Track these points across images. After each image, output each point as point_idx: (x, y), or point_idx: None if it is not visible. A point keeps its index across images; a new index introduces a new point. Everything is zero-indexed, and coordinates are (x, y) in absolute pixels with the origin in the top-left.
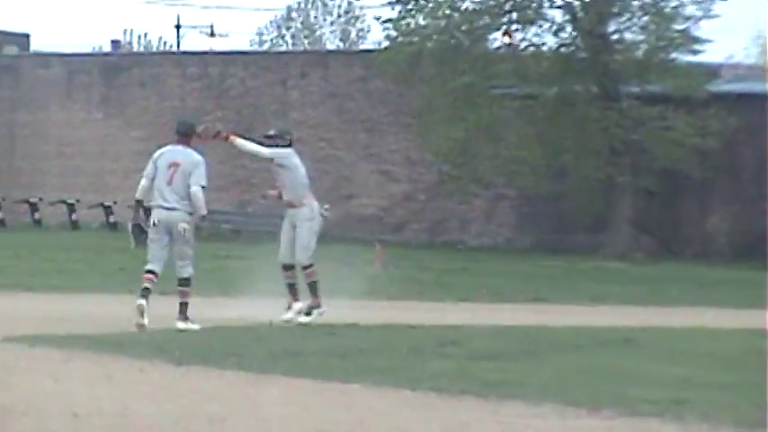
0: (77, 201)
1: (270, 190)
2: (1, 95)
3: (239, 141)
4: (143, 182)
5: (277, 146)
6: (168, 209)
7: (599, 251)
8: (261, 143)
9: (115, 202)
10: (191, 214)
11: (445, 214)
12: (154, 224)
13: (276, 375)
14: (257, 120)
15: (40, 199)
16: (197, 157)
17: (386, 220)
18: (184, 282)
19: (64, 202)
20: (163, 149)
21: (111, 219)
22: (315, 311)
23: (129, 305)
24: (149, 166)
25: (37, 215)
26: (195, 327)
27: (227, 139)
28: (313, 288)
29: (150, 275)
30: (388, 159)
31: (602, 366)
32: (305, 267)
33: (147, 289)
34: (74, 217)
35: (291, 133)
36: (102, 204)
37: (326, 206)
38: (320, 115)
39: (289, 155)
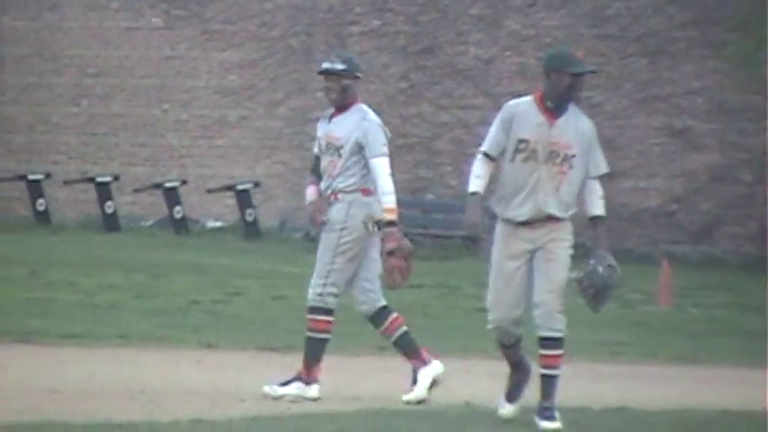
0: (114, 178)
1: None
2: None
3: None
4: None
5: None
6: None
7: None
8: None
9: (185, 182)
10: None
11: None
12: None
13: None
14: (444, 33)
15: (47, 175)
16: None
17: (680, 217)
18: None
19: (90, 180)
20: None
21: (178, 211)
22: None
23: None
24: None
25: (41, 203)
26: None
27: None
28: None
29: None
30: (683, 107)
31: None
32: None
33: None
34: (108, 207)
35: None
36: (160, 185)
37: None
38: (550, 23)
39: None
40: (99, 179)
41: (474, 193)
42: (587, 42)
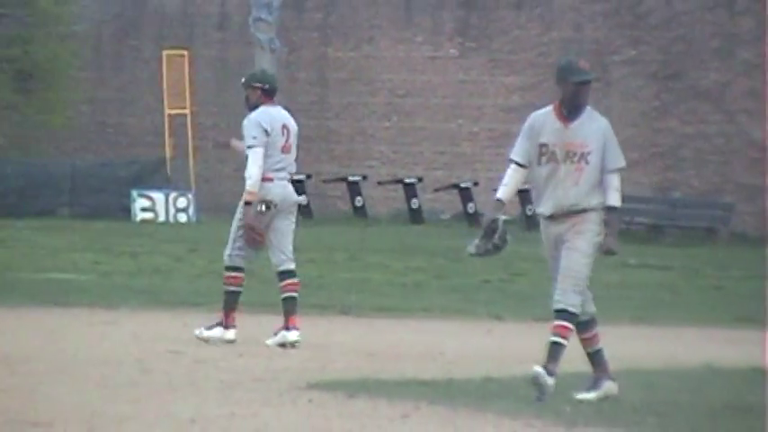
0: (418, 180)
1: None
2: (307, 21)
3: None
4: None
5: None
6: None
7: None
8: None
9: (476, 183)
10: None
11: None
12: None
13: None
14: (689, 61)
15: (364, 177)
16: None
17: None
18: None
19: (399, 181)
20: None
21: (470, 207)
22: None
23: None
24: None
25: (359, 200)
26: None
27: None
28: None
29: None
30: None
31: None
32: None
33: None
34: (414, 204)
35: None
36: (456, 186)
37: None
38: None
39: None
40: (406, 180)
41: (498, 200)
42: None
